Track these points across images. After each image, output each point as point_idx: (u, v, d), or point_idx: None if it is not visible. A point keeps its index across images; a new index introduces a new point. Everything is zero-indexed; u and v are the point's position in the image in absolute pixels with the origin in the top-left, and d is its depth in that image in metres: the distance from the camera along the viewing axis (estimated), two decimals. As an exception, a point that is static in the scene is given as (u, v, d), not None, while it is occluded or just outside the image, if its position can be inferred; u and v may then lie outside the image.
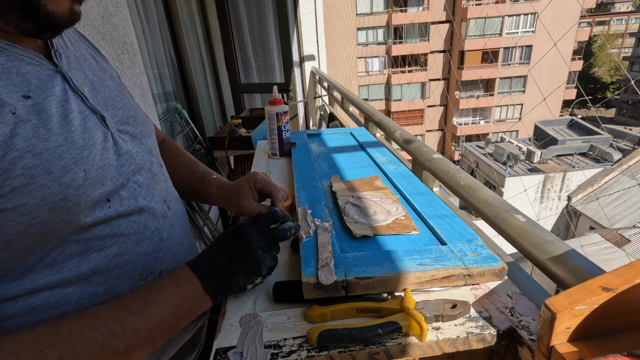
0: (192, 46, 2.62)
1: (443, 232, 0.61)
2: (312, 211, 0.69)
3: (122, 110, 0.51)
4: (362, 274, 0.51)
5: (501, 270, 0.52)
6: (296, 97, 3.19)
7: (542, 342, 0.38)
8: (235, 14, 3.01)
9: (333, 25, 19.91)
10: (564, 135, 15.44)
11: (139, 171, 0.50)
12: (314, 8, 3.32)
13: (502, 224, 0.64)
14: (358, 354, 0.45)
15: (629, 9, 33.81)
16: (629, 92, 28.31)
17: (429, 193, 0.76)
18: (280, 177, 1.00)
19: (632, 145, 14.23)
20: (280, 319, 0.50)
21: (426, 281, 0.52)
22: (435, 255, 0.55)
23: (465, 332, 0.46)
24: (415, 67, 22.09)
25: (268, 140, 1.15)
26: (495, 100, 21.70)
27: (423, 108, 22.43)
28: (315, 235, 0.61)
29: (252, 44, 3.16)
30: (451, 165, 0.92)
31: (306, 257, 0.55)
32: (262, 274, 0.51)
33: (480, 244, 0.57)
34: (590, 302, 0.35)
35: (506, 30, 20.61)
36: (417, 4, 20.98)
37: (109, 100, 0.50)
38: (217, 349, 0.45)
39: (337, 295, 0.51)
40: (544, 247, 0.55)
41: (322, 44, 3.46)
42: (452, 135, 23.24)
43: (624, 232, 9.84)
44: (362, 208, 0.71)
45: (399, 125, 1.36)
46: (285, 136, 1.13)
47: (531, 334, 0.45)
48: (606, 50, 32.18)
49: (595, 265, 0.48)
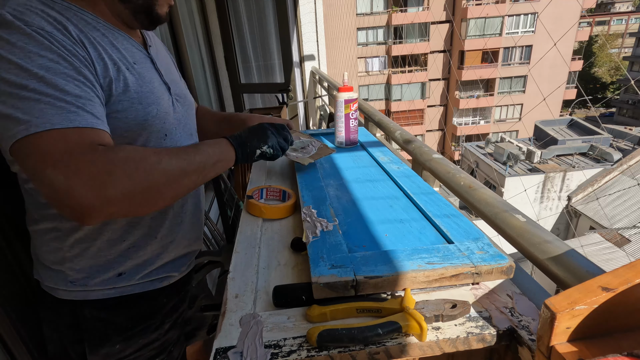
0: (192, 46, 2.62)
1: (449, 230, 0.61)
2: (317, 211, 0.70)
3: (178, 88, 0.79)
4: (371, 273, 0.51)
5: (509, 268, 0.52)
6: (296, 97, 3.19)
7: (542, 342, 0.38)
8: (235, 14, 3.01)
9: (333, 25, 19.92)
10: (564, 135, 15.44)
11: (183, 127, 0.77)
12: (314, 8, 3.32)
13: (502, 224, 0.64)
14: (358, 353, 0.45)
15: (629, 9, 33.82)
16: (629, 92, 28.31)
17: (432, 192, 0.76)
18: (281, 177, 1.00)
19: (632, 145, 14.23)
20: (280, 319, 0.50)
21: (435, 279, 0.52)
22: (443, 254, 0.55)
23: (465, 332, 0.47)
24: (415, 67, 22.09)
25: (335, 129, 1.12)
26: (495, 100, 21.70)
27: (423, 108, 22.43)
28: (322, 235, 0.61)
29: (252, 44, 3.16)
30: (451, 165, 0.92)
31: (314, 257, 0.55)
32: (267, 143, 0.76)
33: (487, 242, 0.57)
34: (590, 302, 0.35)
35: (506, 30, 20.61)
36: (417, 4, 20.97)
37: (172, 80, 0.77)
38: (217, 348, 0.45)
39: (347, 294, 0.51)
40: (544, 247, 0.55)
41: (322, 44, 3.46)
42: (452, 135, 23.24)
43: (624, 232, 9.84)
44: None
45: (399, 125, 1.36)
46: (352, 124, 1.08)
47: (531, 334, 0.45)
48: (606, 50, 32.17)
49: (595, 265, 0.48)
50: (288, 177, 1.00)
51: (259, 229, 0.74)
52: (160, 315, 0.76)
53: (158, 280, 0.75)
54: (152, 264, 0.73)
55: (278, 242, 0.69)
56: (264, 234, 0.73)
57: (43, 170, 0.49)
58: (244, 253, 0.66)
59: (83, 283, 0.67)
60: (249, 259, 0.64)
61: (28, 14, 0.53)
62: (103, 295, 0.68)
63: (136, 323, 0.73)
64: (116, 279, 0.69)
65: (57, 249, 0.66)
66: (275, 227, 0.75)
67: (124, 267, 0.69)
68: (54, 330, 0.72)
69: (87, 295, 0.68)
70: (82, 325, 0.69)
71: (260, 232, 0.73)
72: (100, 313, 0.69)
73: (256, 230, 0.73)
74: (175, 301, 0.80)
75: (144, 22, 0.69)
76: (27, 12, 0.53)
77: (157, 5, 0.68)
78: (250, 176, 1.03)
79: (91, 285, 0.67)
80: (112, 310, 0.70)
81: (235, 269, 0.61)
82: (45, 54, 0.52)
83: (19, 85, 0.50)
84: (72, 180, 0.49)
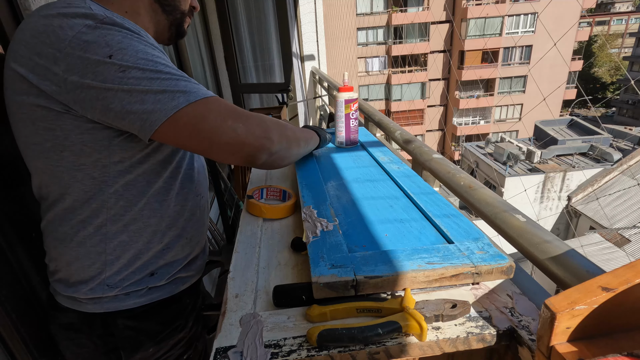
0: (192, 46, 2.62)
1: (449, 230, 0.61)
2: (317, 211, 0.70)
3: None
4: (371, 273, 0.51)
5: (509, 268, 0.52)
6: (296, 97, 3.19)
7: (542, 342, 0.38)
8: (235, 14, 3.01)
9: (333, 25, 19.92)
10: (564, 135, 15.44)
11: None
12: (314, 8, 3.32)
13: (502, 224, 0.64)
14: (358, 353, 0.45)
15: (629, 9, 33.81)
16: (629, 92, 28.31)
17: (433, 192, 0.76)
18: (282, 177, 1.00)
19: (632, 145, 14.23)
20: (280, 319, 0.50)
21: (435, 279, 0.52)
22: (443, 254, 0.55)
23: (465, 332, 0.47)
24: (415, 67, 22.08)
25: (336, 129, 1.12)
26: (495, 100, 21.70)
27: (423, 108, 22.43)
28: (322, 235, 0.61)
29: (252, 44, 3.16)
30: (451, 165, 0.92)
31: (315, 257, 0.55)
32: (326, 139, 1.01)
33: (487, 242, 0.57)
34: (590, 302, 0.35)
35: (506, 30, 20.60)
36: (417, 4, 20.97)
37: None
38: (218, 348, 0.45)
39: (347, 294, 0.51)
40: (544, 247, 0.55)
41: (322, 44, 3.47)
42: (452, 135, 23.24)
43: (624, 232, 9.85)
44: None
45: (399, 125, 1.36)
46: (353, 124, 1.09)
47: (531, 334, 0.45)
48: (606, 50, 32.17)
49: (595, 265, 0.48)
50: (288, 177, 1.00)
51: (259, 229, 0.74)
52: (185, 315, 0.79)
53: (181, 282, 0.77)
54: (180, 264, 0.75)
55: (278, 242, 0.69)
56: (264, 233, 0.73)
57: (225, 122, 0.59)
58: (244, 253, 0.66)
59: (119, 284, 0.67)
60: (249, 259, 0.64)
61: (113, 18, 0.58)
62: (134, 304, 0.69)
63: (166, 326, 0.75)
64: (149, 279, 0.70)
65: (99, 253, 0.66)
66: (275, 227, 0.75)
67: (156, 267, 0.71)
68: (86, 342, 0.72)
69: (118, 305, 0.68)
70: (116, 334, 0.70)
71: (260, 232, 0.73)
72: (132, 322, 0.70)
73: (256, 230, 0.73)
74: (194, 300, 0.83)
75: (173, 35, 0.75)
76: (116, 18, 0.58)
77: (185, 22, 0.76)
78: (250, 176, 1.03)
79: (126, 287, 0.68)
80: (142, 317, 0.71)
81: (236, 269, 0.61)
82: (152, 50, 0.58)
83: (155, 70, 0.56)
84: (248, 126, 0.61)
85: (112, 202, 0.64)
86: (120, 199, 0.64)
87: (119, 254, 0.67)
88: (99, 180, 0.62)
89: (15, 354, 0.78)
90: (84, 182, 0.61)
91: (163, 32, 0.73)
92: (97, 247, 0.65)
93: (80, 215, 0.64)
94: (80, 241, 0.65)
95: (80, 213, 0.64)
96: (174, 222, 0.72)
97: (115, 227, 0.65)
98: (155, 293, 0.72)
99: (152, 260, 0.70)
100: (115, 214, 0.65)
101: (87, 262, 0.66)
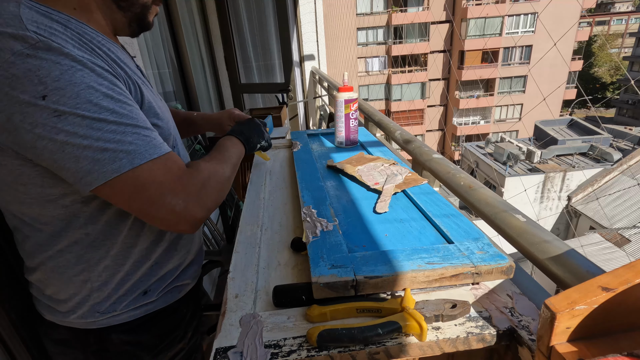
0: (192, 46, 2.62)
1: (449, 230, 0.61)
2: (317, 211, 0.70)
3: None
4: (371, 273, 0.51)
5: (509, 268, 0.52)
6: (296, 97, 3.18)
7: (542, 342, 0.38)
8: (235, 14, 3.01)
9: (333, 25, 19.91)
10: (564, 135, 15.44)
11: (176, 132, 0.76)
12: (314, 8, 3.32)
13: (502, 224, 0.64)
14: (358, 353, 0.45)
15: (629, 9, 33.80)
16: (629, 92, 28.30)
17: (433, 192, 0.76)
18: (281, 177, 1.00)
19: (632, 145, 14.23)
20: (280, 319, 0.50)
21: (435, 279, 0.52)
22: (443, 254, 0.55)
23: (465, 332, 0.47)
24: (415, 67, 22.08)
25: (335, 128, 1.12)
26: (495, 100, 21.70)
27: (423, 108, 22.43)
28: (322, 235, 0.61)
29: (252, 43, 3.16)
30: (451, 165, 0.92)
31: (314, 257, 0.55)
32: (264, 138, 0.90)
33: (487, 242, 0.57)
34: (590, 302, 0.35)
35: (506, 30, 20.61)
36: (417, 4, 20.97)
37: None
38: (217, 348, 0.45)
39: (347, 294, 0.51)
40: (544, 247, 0.55)
41: (322, 44, 3.46)
42: (452, 135, 23.23)
43: (624, 232, 9.84)
44: (374, 176, 0.86)
45: (399, 125, 1.36)
46: (352, 124, 1.08)
47: (531, 334, 0.45)
48: (606, 50, 32.17)
49: (595, 265, 0.48)
50: (289, 177, 1.00)
51: (259, 229, 0.74)
52: (183, 325, 0.76)
53: (177, 291, 0.74)
54: (172, 276, 0.72)
55: (278, 242, 0.69)
56: (264, 234, 0.73)
57: (163, 198, 0.54)
58: (244, 253, 0.66)
59: (111, 309, 0.65)
60: (249, 259, 0.64)
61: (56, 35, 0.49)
62: (129, 317, 0.66)
63: (163, 338, 0.72)
64: (142, 297, 0.67)
65: (83, 282, 0.62)
66: (275, 227, 0.75)
67: (148, 285, 0.68)
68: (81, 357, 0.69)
69: (112, 321, 0.65)
70: (111, 349, 0.67)
71: (260, 232, 0.73)
72: (128, 336, 0.67)
73: (256, 230, 0.73)
74: (193, 309, 0.80)
75: (135, 30, 0.67)
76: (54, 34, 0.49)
77: (149, 14, 0.67)
78: (250, 176, 1.03)
79: (119, 310, 0.65)
80: (138, 331, 0.68)
81: (235, 269, 0.61)
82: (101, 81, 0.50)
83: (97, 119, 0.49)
84: (188, 202, 0.56)
85: (89, 229, 0.60)
86: (97, 224, 0.60)
87: (105, 279, 0.63)
88: (71, 209, 0.57)
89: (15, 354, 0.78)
90: (57, 211, 0.57)
91: (123, 29, 0.66)
92: (81, 276, 0.62)
93: (57, 246, 0.60)
94: (61, 272, 0.61)
95: (57, 243, 0.60)
96: (160, 237, 0.68)
97: (97, 254, 0.62)
98: (150, 305, 0.69)
99: (142, 278, 0.67)
100: (94, 240, 0.61)
101: (72, 290, 0.63)
